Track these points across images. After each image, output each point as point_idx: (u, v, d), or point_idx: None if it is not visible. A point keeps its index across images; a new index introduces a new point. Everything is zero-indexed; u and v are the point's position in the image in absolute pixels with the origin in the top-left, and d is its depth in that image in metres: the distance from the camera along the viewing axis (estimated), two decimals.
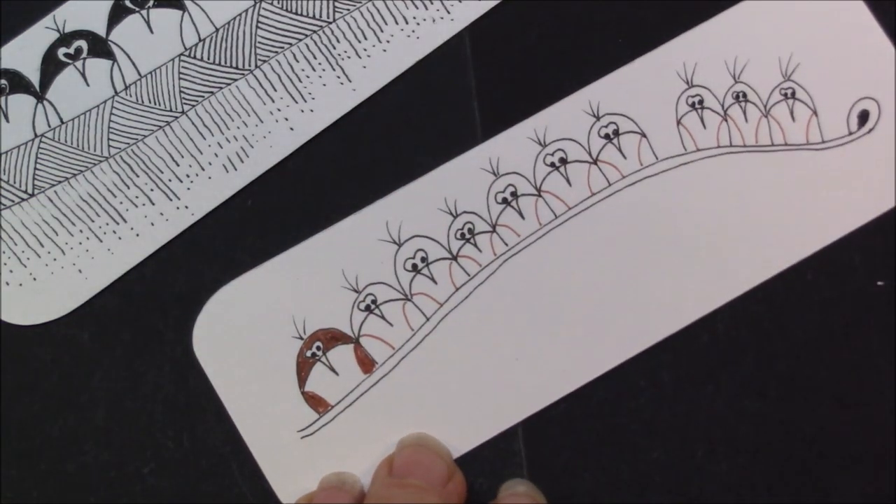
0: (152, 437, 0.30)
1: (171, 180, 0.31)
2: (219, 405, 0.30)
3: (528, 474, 0.30)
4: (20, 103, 0.31)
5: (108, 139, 0.31)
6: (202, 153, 0.31)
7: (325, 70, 0.31)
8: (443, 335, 0.30)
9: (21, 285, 0.30)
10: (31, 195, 0.31)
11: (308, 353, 0.30)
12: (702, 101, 0.31)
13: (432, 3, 0.32)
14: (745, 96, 0.31)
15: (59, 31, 0.31)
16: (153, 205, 0.31)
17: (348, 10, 0.32)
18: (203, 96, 0.31)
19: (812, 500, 0.30)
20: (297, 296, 0.30)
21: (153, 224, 0.31)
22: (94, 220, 0.31)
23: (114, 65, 0.31)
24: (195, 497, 0.30)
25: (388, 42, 0.32)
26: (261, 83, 0.31)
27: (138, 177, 0.31)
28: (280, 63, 0.31)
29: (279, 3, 0.32)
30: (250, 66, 0.31)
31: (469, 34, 0.32)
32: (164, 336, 0.30)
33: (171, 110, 0.31)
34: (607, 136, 0.31)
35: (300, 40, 0.32)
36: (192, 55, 0.31)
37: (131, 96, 0.31)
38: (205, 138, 0.31)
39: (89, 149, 0.31)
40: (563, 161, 0.31)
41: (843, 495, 0.30)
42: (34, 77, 0.31)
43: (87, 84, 0.31)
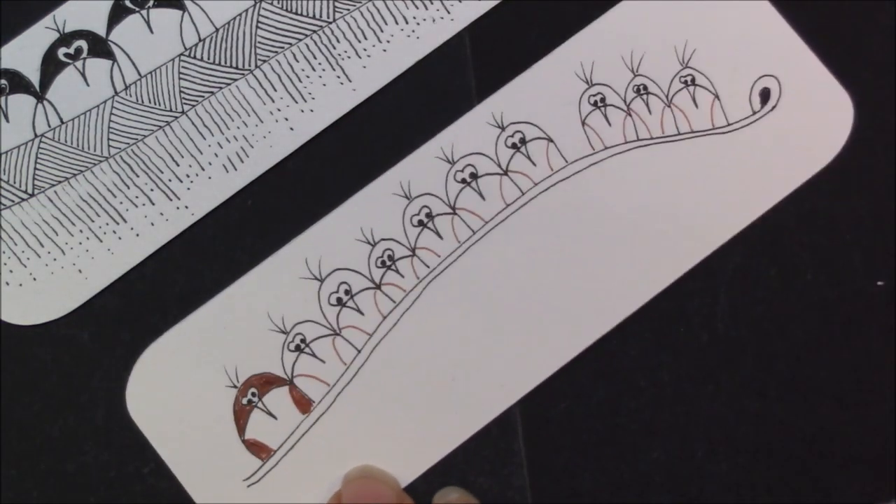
0: None
1: (171, 180, 0.31)
2: None
3: (528, 474, 0.30)
4: (20, 103, 0.31)
5: (108, 139, 0.31)
6: (202, 153, 0.31)
7: (325, 70, 0.31)
8: (376, 365, 0.30)
9: (21, 285, 0.30)
10: (31, 195, 0.31)
11: (244, 401, 0.30)
12: (604, 99, 0.31)
13: (432, 3, 0.32)
14: (646, 89, 0.31)
15: (59, 31, 0.31)
16: (153, 205, 0.31)
17: (348, 10, 0.32)
18: (203, 96, 0.31)
19: (812, 500, 0.30)
20: (226, 344, 0.30)
21: (153, 224, 0.31)
22: (94, 220, 0.31)
23: (114, 65, 0.31)
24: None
25: (388, 42, 0.32)
26: (261, 83, 0.31)
27: (138, 177, 0.31)
28: (280, 63, 0.31)
29: (279, 3, 0.32)
30: (250, 66, 0.31)
31: (469, 34, 0.32)
32: None
33: (171, 110, 0.31)
34: (514, 146, 0.31)
35: (300, 40, 0.32)
36: (192, 55, 0.31)
37: (131, 96, 0.31)
38: (205, 138, 0.31)
39: (89, 149, 0.31)
40: (474, 176, 0.31)
41: (843, 495, 0.30)
42: (34, 77, 0.31)
43: (87, 84, 0.31)
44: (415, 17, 0.32)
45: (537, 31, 0.32)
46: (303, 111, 0.31)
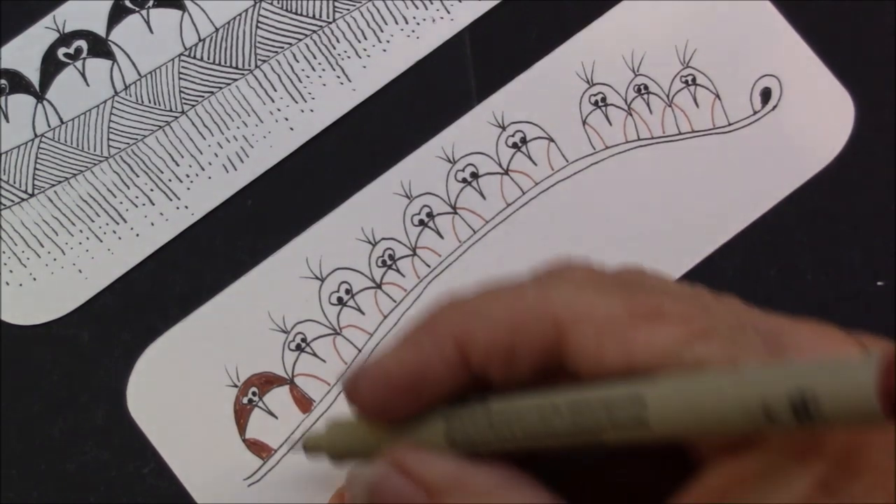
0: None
1: (171, 180, 0.31)
2: None
3: None
4: (20, 103, 0.31)
5: (108, 139, 0.31)
6: (202, 153, 0.31)
7: (325, 70, 0.31)
8: None
9: (21, 285, 0.30)
10: (31, 195, 0.31)
11: (245, 400, 0.30)
12: (605, 99, 0.31)
13: (432, 3, 0.32)
14: (646, 88, 0.31)
15: (59, 31, 0.31)
16: (153, 205, 0.31)
17: (348, 10, 0.32)
18: (203, 96, 0.31)
19: None
20: (227, 343, 0.30)
21: (153, 224, 0.31)
22: (94, 220, 0.31)
23: (114, 65, 0.31)
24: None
25: (388, 42, 0.32)
26: (261, 83, 0.31)
27: (138, 177, 0.31)
28: (280, 63, 0.31)
29: (279, 3, 0.32)
30: (250, 66, 0.31)
31: (469, 34, 0.32)
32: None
33: (171, 110, 0.31)
34: (515, 145, 0.31)
35: (300, 40, 0.31)
36: (192, 55, 0.31)
37: (131, 96, 0.31)
38: (205, 138, 0.31)
39: (89, 149, 0.31)
40: (475, 175, 0.31)
41: None
42: (34, 77, 0.31)
43: (87, 84, 0.31)
44: (415, 17, 0.32)
45: (537, 31, 0.32)
46: (303, 111, 0.31)
